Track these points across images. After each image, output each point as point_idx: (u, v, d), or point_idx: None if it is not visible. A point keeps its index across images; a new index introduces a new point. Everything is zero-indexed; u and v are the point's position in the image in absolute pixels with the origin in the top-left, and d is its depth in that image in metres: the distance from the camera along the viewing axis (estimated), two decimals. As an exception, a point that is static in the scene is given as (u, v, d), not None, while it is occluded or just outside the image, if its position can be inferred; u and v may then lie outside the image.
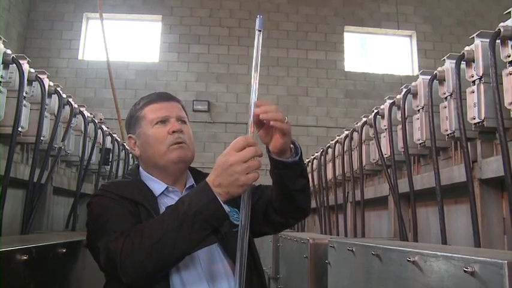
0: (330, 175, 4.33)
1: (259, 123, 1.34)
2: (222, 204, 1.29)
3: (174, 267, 1.39)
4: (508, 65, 1.83)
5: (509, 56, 1.81)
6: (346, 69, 10.32)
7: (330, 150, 4.39)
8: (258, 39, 1.35)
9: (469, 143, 2.16)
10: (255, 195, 1.58)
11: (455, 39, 9.89)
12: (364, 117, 3.42)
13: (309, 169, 5.29)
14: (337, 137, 4.15)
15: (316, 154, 5.02)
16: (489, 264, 1.14)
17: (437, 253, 1.40)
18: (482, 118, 1.97)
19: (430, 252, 1.45)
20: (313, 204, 5.12)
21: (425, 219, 2.83)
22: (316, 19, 10.41)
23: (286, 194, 1.51)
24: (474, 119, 2.02)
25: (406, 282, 1.60)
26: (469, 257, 1.23)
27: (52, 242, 1.73)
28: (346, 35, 10.55)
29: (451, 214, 2.53)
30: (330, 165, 4.34)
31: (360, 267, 2.10)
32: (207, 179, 1.31)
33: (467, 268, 1.20)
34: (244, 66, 10.01)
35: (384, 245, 1.84)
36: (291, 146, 1.45)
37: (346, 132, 3.84)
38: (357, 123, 3.59)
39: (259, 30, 1.34)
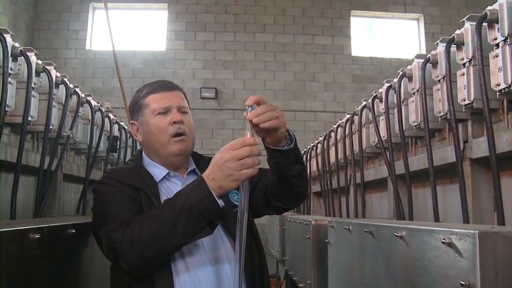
0: (333, 159, 4.41)
1: (255, 124, 1.40)
2: (216, 198, 1.37)
3: (172, 255, 1.48)
4: (494, 48, 1.89)
5: (495, 39, 1.87)
6: (353, 54, 10.30)
7: (333, 135, 4.47)
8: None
9: (460, 124, 2.24)
10: (255, 177, 1.63)
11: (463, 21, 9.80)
12: (364, 100, 3.49)
13: (313, 153, 5.37)
14: (339, 121, 4.22)
15: (320, 138, 5.10)
16: (463, 235, 1.22)
17: (421, 227, 1.49)
18: (472, 99, 2.03)
19: (414, 227, 1.54)
20: (317, 188, 5.22)
21: (423, 198, 2.91)
22: (322, 4, 10.37)
23: (284, 180, 1.59)
24: (464, 100, 2.09)
25: (395, 256, 1.69)
26: (446, 229, 1.31)
27: (63, 223, 1.84)
28: (352, 19, 10.50)
29: (447, 193, 2.61)
30: (333, 149, 4.42)
31: (355, 245, 2.19)
32: (203, 174, 1.41)
33: (445, 239, 1.28)
34: (251, 53, 10.04)
35: (375, 222, 1.93)
36: (286, 134, 1.51)
37: (348, 115, 3.92)
38: (357, 107, 3.67)
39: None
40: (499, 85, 1.83)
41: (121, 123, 4.26)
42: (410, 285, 1.51)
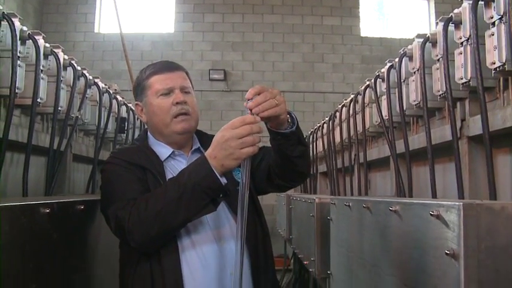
0: (338, 139, 4.46)
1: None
2: (218, 176, 1.42)
3: (178, 231, 1.54)
4: (491, 26, 1.92)
5: (492, 18, 1.89)
6: (362, 34, 10.21)
7: (338, 115, 4.51)
8: None
9: (459, 103, 2.28)
10: (258, 156, 1.69)
11: (474, 0, 9.64)
12: (367, 80, 3.52)
13: (319, 134, 5.42)
14: (344, 101, 4.26)
15: (326, 119, 5.14)
16: (450, 207, 1.27)
17: (413, 201, 1.55)
18: (469, 78, 2.06)
19: (406, 201, 1.60)
20: (324, 168, 5.28)
21: (424, 176, 2.95)
22: (330, -16, 10.28)
23: (286, 161, 1.62)
24: (462, 79, 2.12)
25: (390, 229, 1.75)
26: (435, 202, 1.37)
27: (72, 199, 1.93)
28: (361, -1, 10.41)
29: (447, 171, 2.65)
30: (338, 129, 4.46)
31: (355, 221, 2.26)
32: (206, 153, 1.46)
33: (433, 212, 1.34)
34: (259, 34, 10.01)
35: (372, 198, 1.99)
36: (288, 116, 1.55)
37: (352, 95, 3.95)
38: (361, 87, 3.70)
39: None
40: (494, 63, 1.86)
41: (129, 104, 4.33)
42: (403, 257, 1.57)
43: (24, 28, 2.44)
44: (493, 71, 1.90)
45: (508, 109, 1.83)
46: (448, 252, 1.21)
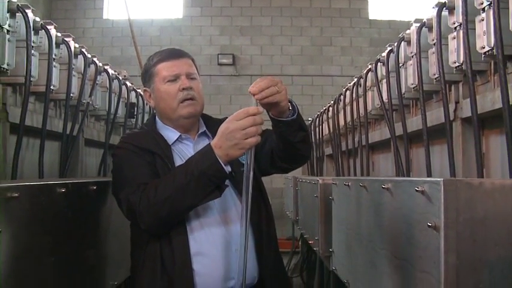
0: (342, 122, 4.55)
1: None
2: (223, 165, 1.53)
3: (186, 215, 1.65)
4: (481, 12, 1.99)
5: (482, 4, 1.96)
6: (371, 17, 10.15)
7: (342, 98, 4.59)
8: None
9: (453, 86, 2.36)
10: (261, 139, 1.82)
11: (483, -20, 9.55)
12: (369, 64, 3.60)
13: (325, 117, 5.51)
14: (348, 84, 4.34)
15: (331, 102, 5.22)
16: (432, 183, 1.38)
17: (404, 179, 1.66)
18: (461, 62, 2.15)
19: (397, 179, 1.71)
20: (330, 151, 5.38)
21: (424, 157, 3.04)
22: (338, -34, 10.23)
23: (289, 146, 1.72)
24: (455, 62, 2.20)
25: (383, 206, 1.85)
26: (421, 179, 1.47)
27: (85, 180, 2.06)
28: (370, -19, 10.34)
29: (444, 152, 2.73)
30: (342, 112, 4.55)
31: (353, 199, 2.36)
32: (211, 142, 1.56)
33: (418, 188, 1.44)
34: (268, 18, 10.01)
35: (368, 178, 2.10)
36: (289, 105, 1.64)
37: (355, 79, 4.03)
38: (363, 71, 3.78)
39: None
40: (484, 48, 1.94)
41: (138, 90, 4.43)
42: (393, 231, 1.68)
43: (37, 19, 2.55)
44: (482, 55, 1.98)
45: (497, 91, 1.91)
46: (430, 224, 1.31)
